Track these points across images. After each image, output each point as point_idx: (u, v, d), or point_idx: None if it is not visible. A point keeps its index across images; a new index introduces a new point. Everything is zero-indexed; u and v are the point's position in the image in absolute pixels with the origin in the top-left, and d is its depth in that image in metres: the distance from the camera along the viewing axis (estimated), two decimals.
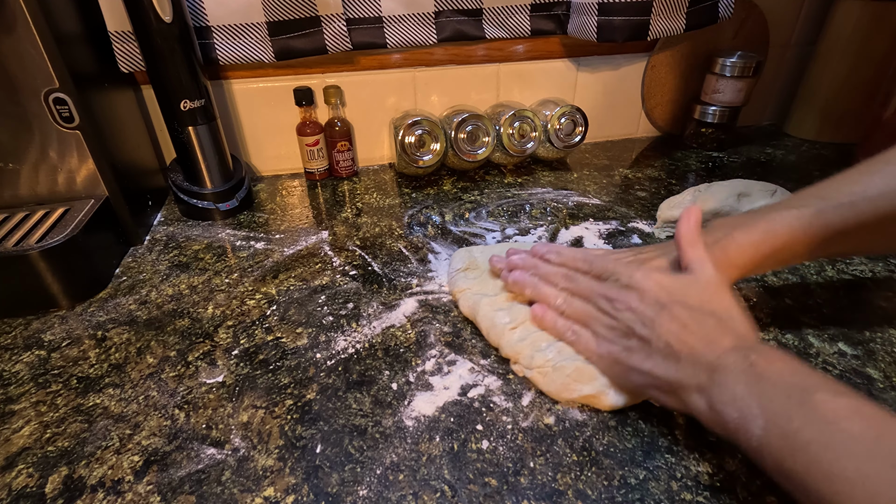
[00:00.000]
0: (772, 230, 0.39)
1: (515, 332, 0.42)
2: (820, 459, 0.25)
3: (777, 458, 0.27)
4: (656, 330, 0.35)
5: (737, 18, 0.81)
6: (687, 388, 0.32)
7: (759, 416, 0.28)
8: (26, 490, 0.34)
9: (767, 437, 0.27)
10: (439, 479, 0.34)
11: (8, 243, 0.50)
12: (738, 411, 0.29)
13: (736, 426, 0.29)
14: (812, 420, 0.26)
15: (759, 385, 0.29)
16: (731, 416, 0.29)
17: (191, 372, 0.43)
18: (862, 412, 0.26)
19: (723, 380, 0.30)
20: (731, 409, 0.29)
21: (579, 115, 0.77)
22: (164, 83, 0.61)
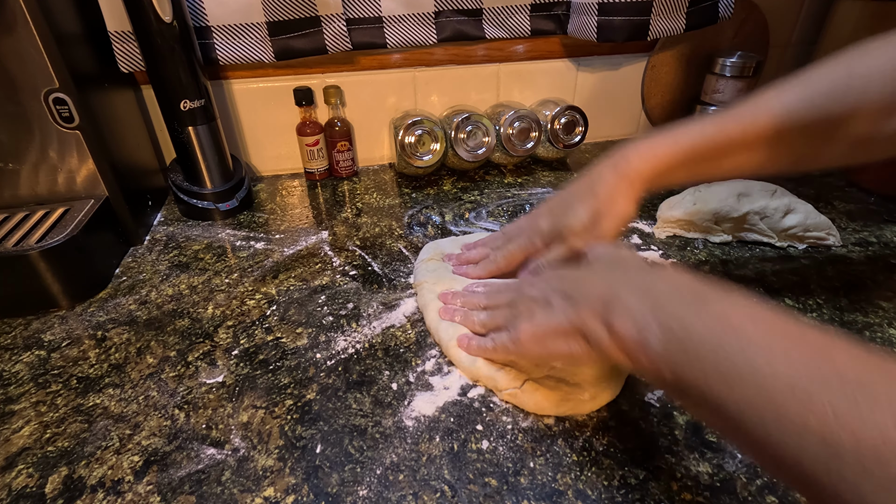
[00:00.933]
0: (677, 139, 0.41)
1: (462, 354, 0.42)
2: (716, 361, 0.24)
3: (676, 371, 0.26)
4: (553, 288, 0.36)
5: (737, 18, 0.81)
6: (586, 321, 0.31)
7: (655, 326, 0.27)
8: (26, 490, 0.34)
9: (665, 347, 0.27)
10: (439, 479, 0.34)
11: (8, 243, 0.50)
12: (636, 325, 0.28)
13: (635, 342, 0.28)
14: (706, 322, 0.26)
15: (652, 293, 0.29)
16: (630, 332, 0.28)
17: (191, 372, 0.43)
18: (756, 313, 0.26)
19: (616, 297, 0.30)
20: (628, 324, 0.29)
21: (579, 115, 0.77)
22: (164, 83, 0.61)
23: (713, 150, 0.40)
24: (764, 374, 0.23)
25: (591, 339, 0.31)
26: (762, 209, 0.57)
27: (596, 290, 0.32)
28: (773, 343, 0.24)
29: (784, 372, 0.22)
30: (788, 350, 0.23)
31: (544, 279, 0.40)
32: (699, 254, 0.58)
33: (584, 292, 0.33)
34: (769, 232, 0.58)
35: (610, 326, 0.30)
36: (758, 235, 0.59)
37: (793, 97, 0.38)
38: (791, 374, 0.22)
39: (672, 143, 0.41)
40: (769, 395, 0.22)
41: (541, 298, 0.36)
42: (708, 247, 0.59)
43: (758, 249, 0.58)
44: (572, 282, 0.35)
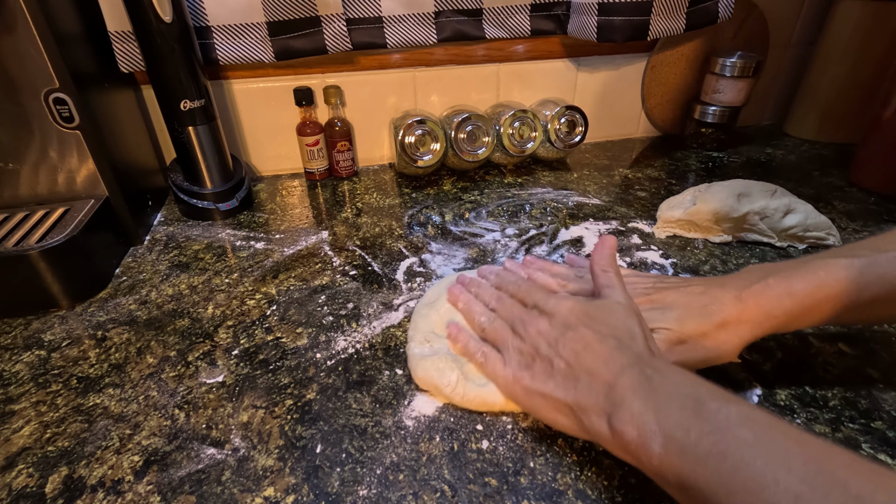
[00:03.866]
0: (816, 279, 0.34)
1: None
2: (719, 471, 0.25)
3: (678, 475, 0.26)
4: (559, 350, 0.34)
5: (737, 18, 0.81)
6: (586, 411, 0.31)
7: (658, 433, 0.27)
8: (26, 490, 0.34)
9: (667, 454, 0.27)
10: (439, 479, 0.34)
11: (8, 243, 0.50)
12: (637, 429, 0.28)
13: (636, 445, 0.28)
14: (707, 429, 0.26)
15: (655, 399, 0.29)
16: (632, 436, 0.28)
17: (191, 372, 0.43)
18: (753, 418, 0.26)
19: (620, 398, 0.30)
20: (630, 427, 0.28)
21: (579, 115, 0.77)
22: (164, 83, 0.61)
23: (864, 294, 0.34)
24: (766, 483, 0.23)
25: (585, 427, 0.32)
26: (762, 209, 0.57)
27: (600, 378, 0.31)
28: (773, 450, 0.24)
29: (786, 481, 0.23)
30: (789, 458, 0.24)
31: (548, 319, 0.37)
32: (699, 254, 0.58)
33: (588, 375, 0.32)
34: (769, 232, 0.58)
35: (612, 426, 0.30)
36: (758, 236, 0.59)
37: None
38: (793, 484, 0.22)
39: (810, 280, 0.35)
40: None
41: (545, 353, 0.35)
42: (708, 247, 0.59)
43: (758, 250, 0.58)
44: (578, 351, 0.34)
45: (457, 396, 0.39)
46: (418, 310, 0.47)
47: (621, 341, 0.33)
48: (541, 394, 0.34)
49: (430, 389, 0.40)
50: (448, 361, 0.40)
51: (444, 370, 0.40)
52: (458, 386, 0.39)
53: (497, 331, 0.40)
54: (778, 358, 0.43)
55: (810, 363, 0.42)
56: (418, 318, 0.46)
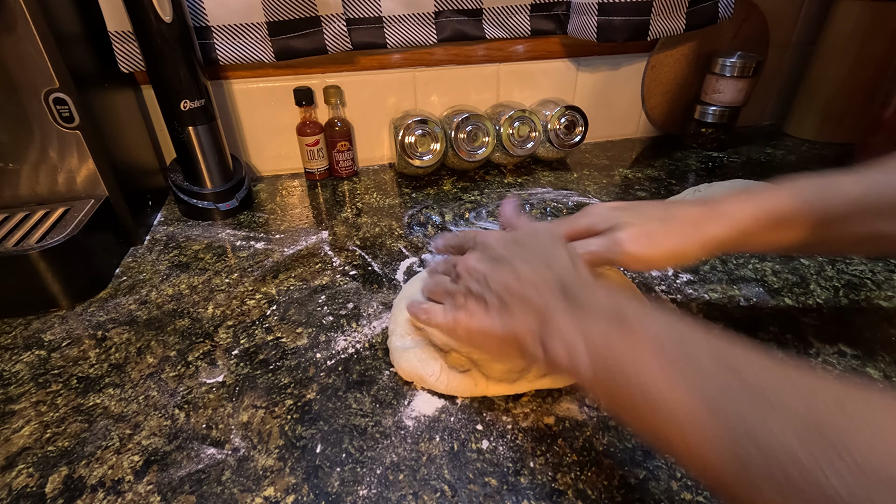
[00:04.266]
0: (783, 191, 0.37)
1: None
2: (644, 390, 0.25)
3: (608, 393, 0.27)
4: (490, 286, 0.34)
5: (737, 18, 0.81)
6: (523, 337, 0.32)
7: (585, 353, 0.28)
8: (26, 490, 0.34)
9: (595, 373, 0.27)
10: (439, 479, 0.34)
11: (8, 243, 0.50)
12: (567, 349, 0.29)
13: (568, 365, 0.29)
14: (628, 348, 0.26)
15: (582, 317, 0.29)
16: (562, 356, 0.29)
17: (191, 372, 0.43)
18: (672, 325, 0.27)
19: (550, 320, 0.30)
20: (560, 348, 0.29)
21: (579, 115, 0.77)
22: (164, 83, 0.61)
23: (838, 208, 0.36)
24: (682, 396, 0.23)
25: (526, 354, 0.32)
26: None
27: (530, 304, 0.32)
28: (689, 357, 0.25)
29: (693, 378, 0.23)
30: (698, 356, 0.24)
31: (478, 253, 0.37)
32: None
33: (519, 301, 0.33)
34: None
35: (545, 347, 0.30)
36: None
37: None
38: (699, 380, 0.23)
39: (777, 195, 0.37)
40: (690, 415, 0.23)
41: (476, 293, 0.35)
42: None
43: None
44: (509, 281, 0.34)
45: (441, 385, 0.40)
46: (397, 304, 0.48)
47: (549, 265, 0.34)
48: (480, 331, 0.34)
49: (413, 380, 0.41)
50: (430, 352, 0.41)
51: (426, 360, 0.41)
52: (441, 374, 0.40)
53: (435, 284, 0.41)
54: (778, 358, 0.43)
55: (810, 363, 0.42)
56: (397, 311, 0.46)
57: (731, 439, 0.21)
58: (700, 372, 0.24)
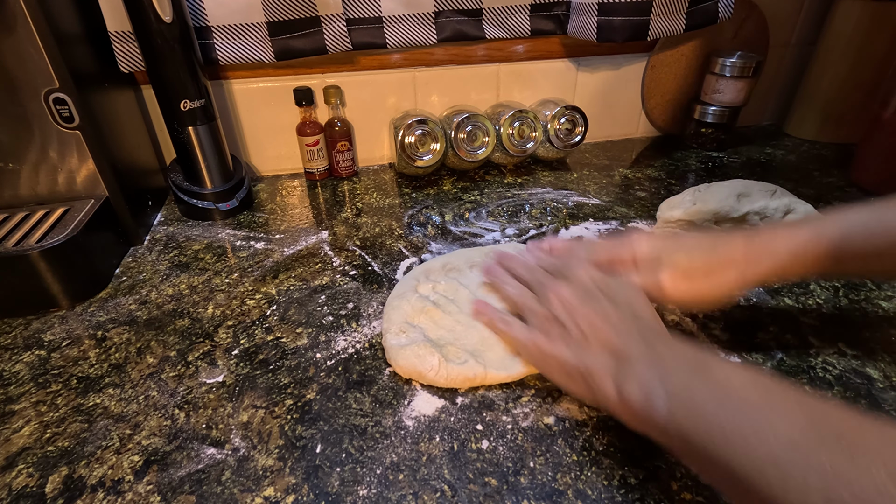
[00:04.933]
0: (819, 226, 0.37)
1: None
2: (721, 426, 0.26)
3: (682, 432, 0.27)
4: (575, 318, 0.36)
5: (737, 18, 0.81)
6: (596, 375, 0.33)
7: (663, 394, 0.29)
8: (26, 490, 0.34)
9: (672, 414, 0.28)
10: (439, 479, 0.34)
11: (8, 243, 0.50)
12: (643, 392, 0.30)
13: (642, 407, 0.30)
14: (711, 389, 0.27)
15: (661, 364, 0.31)
16: (638, 398, 0.30)
17: (191, 372, 0.43)
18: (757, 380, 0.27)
19: (628, 363, 0.32)
20: (636, 390, 0.30)
21: (579, 115, 0.77)
22: (164, 83, 0.61)
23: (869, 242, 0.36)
24: (766, 433, 0.24)
25: (594, 391, 0.33)
26: (762, 209, 0.57)
27: (611, 345, 0.34)
28: (772, 405, 0.25)
29: (784, 431, 0.23)
30: (788, 411, 0.25)
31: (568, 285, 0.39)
32: None
33: (600, 342, 0.34)
34: None
35: (619, 389, 0.31)
36: None
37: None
38: (792, 434, 0.23)
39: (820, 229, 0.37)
40: (772, 453, 0.23)
41: (562, 319, 0.37)
42: None
43: None
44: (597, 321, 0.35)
45: (441, 378, 0.40)
46: (390, 302, 0.48)
47: (634, 314, 0.36)
48: (554, 357, 0.36)
49: (412, 376, 0.42)
50: (427, 347, 0.42)
51: (424, 356, 0.41)
52: (440, 368, 0.40)
53: (521, 297, 0.42)
54: (778, 358, 0.43)
55: (810, 363, 0.42)
56: (390, 310, 0.47)
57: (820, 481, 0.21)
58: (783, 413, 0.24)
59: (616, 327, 0.34)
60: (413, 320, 0.45)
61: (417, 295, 0.48)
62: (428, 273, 0.51)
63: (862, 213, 0.37)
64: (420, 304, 0.46)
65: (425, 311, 0.46)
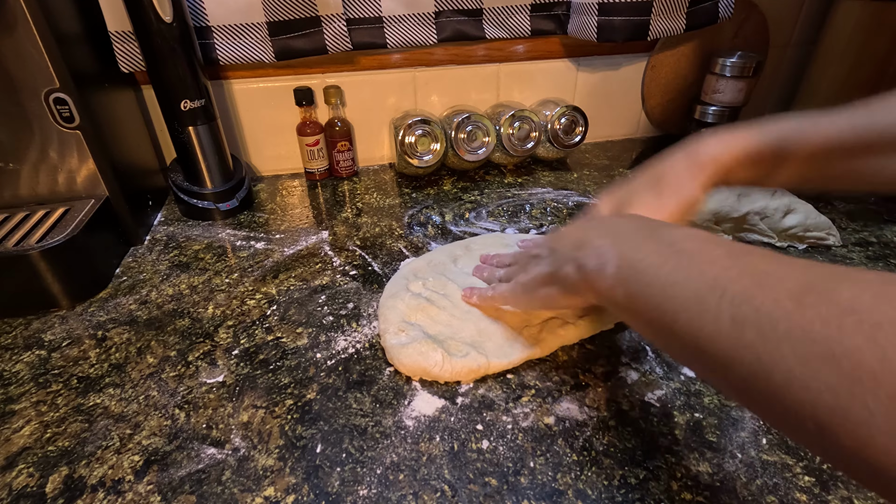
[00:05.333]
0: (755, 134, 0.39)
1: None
2: (658, 276, 0.27)
3: (626, 289, 0.29)
4: (548, 243, 0.40)
5: (737, 18, 0.81)
6: (561, 267, 0.35)
7: (613, 256, 0.31)
8: (26, 490, 0.34)
9: (619, 273, 0.30)
10: (439, 479, 0.34)
11: (8, 243, 0.50)
12: (597, 258, 0.32)
13: (596, 272, 0.31)
14: (654, 247, 0.29)
15: (615, 232, 0.33)
16: (592, 265, 0.32)
17: (191, 372, 0.43)
18: (698, 234, 0.29)
19: (587, 241, 0.34)
20: (591, 258, 0.32)
21: (579, 115, 0.77)
22: (164, 83, 0.61)
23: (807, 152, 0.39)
24: (691, 276, 0.25)
25: (565, 283, 0.35)
26: (762, 209, 0.57)
27: (571, 238, 0.36)
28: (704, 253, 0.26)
29: (709, 271, 0.25)
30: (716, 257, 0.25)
31: (546, 240, 0.42)
32: None
33: (564, 243, 0.37)
34: (769, 232, 0.58)
35: (578, 265, 0.33)
36: (758, 236, 0.59)
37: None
38: (715, 272, 0.24)
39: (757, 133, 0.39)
40: (697, 292, 0.24)
41: (534, 253, 0.41)
42: None
43: None
44: (558, 236, 0.39)
45: (445, 373, 0.41)
46: (384, 303, 0.48)
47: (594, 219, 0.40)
48: (534, 281, 0.39)
49: (416, 374, 0.42)
50: (429, 343, 0.42)
51: (427, 353, 0.41)
52: (445, 363, 0.41)
53: (509, 273, 0.45)
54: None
55: None
56: (386, 310, 0.47)
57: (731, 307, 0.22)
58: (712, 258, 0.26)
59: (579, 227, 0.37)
60: (410, 318, 0.45)
61: (410, 293, 0.48)
62: (416, 272, 0.52)
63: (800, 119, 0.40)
64: (414, 301, 0.47)
65: (420, 308, 0.46)
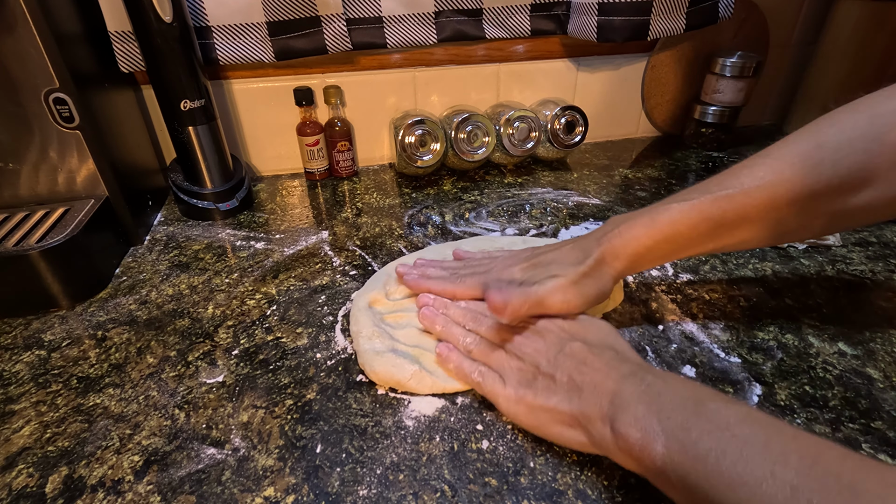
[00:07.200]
0: (655, 222, 0.40)
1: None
2: (719, 467, 0.25)
3: (681, 474, 0.27)
4: (559, 366, 0.35)
5: (737, 18, 0.81)
6: (590, 418, 0.32)
7: (661, 434, 0.28)
8: (26, 490, 0.34)
9: (669, 454, 0.27)
10: (439, 479, 0.34)
11: (8, 243, 0.50)
12: (641, 431, 0.29)
13: (640, 447, 0.29)
14: (708, 429, 0.27)
15: (657, 402, 0.30)
16: (635, 438, 0.29)
17: (191, 372, 0.43)
18: (752, 417, 0.27)
19: (623, 403, 0.31)
20: (633, 430, 0.29)
21: (579, 115, 0.77)
22: (164, 83, 0.61)
23: (695, 231, 0.40)
24: (764, 476, 0.24)
25: (591, 436, 0.32)
26: None
27: (603, 387, 0.32)
28: (771, 446, 0.25)
29: (782, 475, 0.24)
30: (786, 454, 0.24)
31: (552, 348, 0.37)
32: None
33: (592, 385, 0.33)
34: None
35: (615, 430, 0.30)
36: None
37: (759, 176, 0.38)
38: (790, 477, 0.23)
39: (649, 225, 0.40)
40: (773, 499, 0.23)
41: (545, 370, 0.36)
42: None
43: (758, 249, 0.58)
44: (578, 364, 0.35)
45: (424, 387, 0.40)
46: (356, 302, 0.48)
47: (617, 352, 0.35)
48: (545, 409, 0.35)
49: (388, 384, 0.41)
50: (403, 355, 0.42)
51: (401, 365, 0.41)
52: (424, 377, 0.40)
53: (487, 352, 0.40)
54: (778, 358, 0.43)
55: (810, 363, 0.42)
56: (358, 312, 0.47)
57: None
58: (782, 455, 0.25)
59: (601, 368, 0.34)
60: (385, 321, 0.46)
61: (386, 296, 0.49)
62: (391, 274, 0.51)
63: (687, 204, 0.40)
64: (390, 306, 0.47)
65: (395, 315, 0.47)
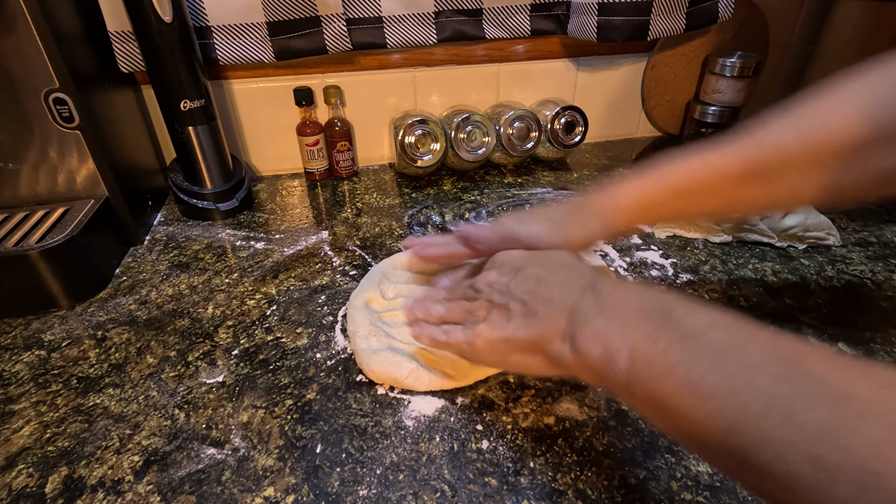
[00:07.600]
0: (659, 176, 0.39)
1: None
2: (689, 379, 0.23)
3: (647, 389, 0.25)
4: (512, 292, 0.34)
5: (737, 18, 0.81)
6: (548, 339, 0.30)
7: (624, 347, 0.26)
8: (26, 490, 0.34)
9: (634, 368, 0.26)
10: (439, 479, 0.34)
11: (8, 243, 0.50)
12: (602, 345, 0.27)
13: (602, 363, 0.27)
14: (676, 338, 0.25)
15: (619, 313, 0.28)
16: (596, 353, 0.27)
17: (191, 372, 0.43)
18: (723, 322, 0.25)
19: (581, 317, 0.29)
20: (594, 345, 0.27)
21: (579, 115, 0.77)
22: (164, 83, 0.61)
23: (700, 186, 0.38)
24: (739, 387, 0.22)
25: (551, 357, 0.31)
26: None
27: (560, 304, 0.31)
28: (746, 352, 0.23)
29: (759, 382, 0.21)
30: (763, 358, 0.22)
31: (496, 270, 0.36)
32: (699, 254, 0.58)
33: (547, 304, 0.31)
34: (769, 232, 0.58)
35: (575, 347, 0.29)
36: (758, 235, 0.59)
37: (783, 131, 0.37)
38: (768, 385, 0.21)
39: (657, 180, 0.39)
40: (747, 409, 0.21)
41: (500, 302, 0.34)
42: (708, 247, 0.59)
43: (758, 249, 0.58)
44: (534, 286, 0.33)
45: (422, 384, 0.40)
46: (353, 302, 0.48)
47: (572, 268, 0.34)
48: (502, 340, 0.33)
49: (386, 382, 0.41)
50: (400, 352, 0.42)
51: (398, 363, 0.41)
52: (422, 374, 0.40)
53: (452, 311, 0.38)
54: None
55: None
56: (354, 311, 0.46)
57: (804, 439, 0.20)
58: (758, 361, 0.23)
59: (557, 285, 0.32)
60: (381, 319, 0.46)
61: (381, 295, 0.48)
62: (384, 273, 0.51)
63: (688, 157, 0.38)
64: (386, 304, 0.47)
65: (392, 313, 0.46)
